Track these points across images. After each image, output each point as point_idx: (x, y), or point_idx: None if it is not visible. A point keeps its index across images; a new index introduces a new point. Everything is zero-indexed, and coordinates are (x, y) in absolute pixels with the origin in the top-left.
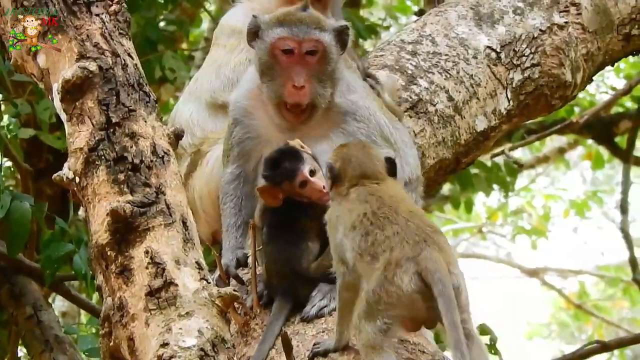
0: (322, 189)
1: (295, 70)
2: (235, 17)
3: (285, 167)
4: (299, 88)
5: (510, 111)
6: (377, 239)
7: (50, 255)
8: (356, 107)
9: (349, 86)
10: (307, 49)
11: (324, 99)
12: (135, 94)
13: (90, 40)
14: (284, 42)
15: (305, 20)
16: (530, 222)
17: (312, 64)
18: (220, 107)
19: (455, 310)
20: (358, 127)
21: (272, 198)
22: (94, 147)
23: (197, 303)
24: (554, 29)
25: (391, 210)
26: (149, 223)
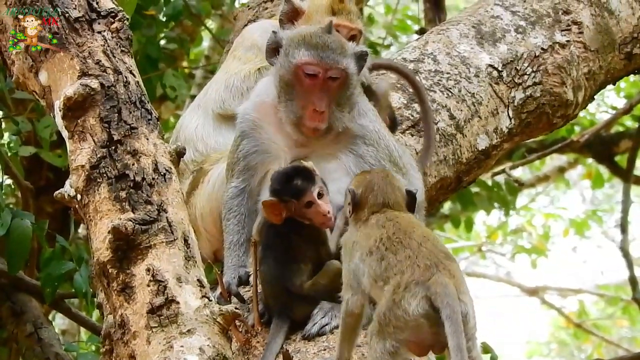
0: (327, 213)
1: (317, 95)
2: (258, 32)
3: (295, 184)
4: (319, 112)
5: (512, 130)
6: (389, 263)
7: (50, 273)
8: (366, 131)
9: (360, 110)
10: (331, 75)
11: (340, 123)
12: (137, 111)
13: (92, 58)
14: (309, 66)
15: (331, 44)
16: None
17: (333, 89)
18: (227, 118)
19: (461, 335)
20: (367, 150)
21: (275, 214)
22: (95, 165)
23: (198, 321)
24: (556, 48)
25: (405, 234)
26: (150, 240)
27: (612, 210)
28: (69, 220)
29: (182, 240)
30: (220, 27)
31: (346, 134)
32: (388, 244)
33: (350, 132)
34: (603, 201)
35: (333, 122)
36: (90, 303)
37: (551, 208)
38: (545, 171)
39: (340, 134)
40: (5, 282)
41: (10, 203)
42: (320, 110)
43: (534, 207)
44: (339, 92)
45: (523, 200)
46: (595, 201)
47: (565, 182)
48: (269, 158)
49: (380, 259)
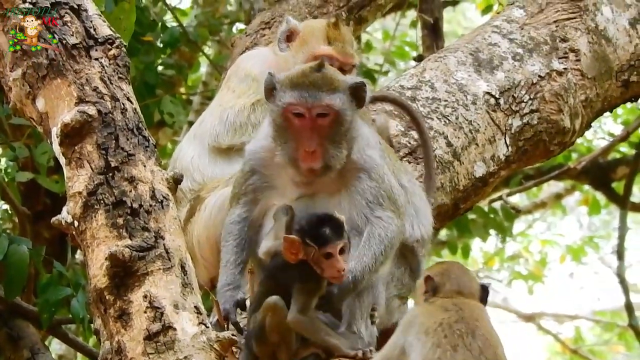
0: (342, 270)
1: (307, 135)
2: (253, 62)
3: (324, 232)
4: (310, 153)
5: (509, 157)
6: (446, 357)
7: (47, 298)
8: (373, 164)
9: (368, 142)
10: (317, 112)
11: (338, 160)
12: (135, 138)
13: (90, 85)
14: (294, 106)
15: (317, 82)
16: (526, 267)
17: (324, 127)
18: (222, 151)
19: None
20: (370, 185)
21: (292, 252)
22: (93, 191)
23: (195, 347)
24: (553, 75)
25: (468, 329)
26: (147, 267)
27: (609, 237)
28: (66, 246)
29: (179, 267)
30: (217, 53)
31: (352, 167)
32: (448, 332)
33: (357, 164)
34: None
35: (329, 160)
36: (87, 329)
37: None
38: (542, 198)
39: (346, 168)
40: (3, 307)
41: (7, 228)
42: (310, 150)
43: (530, 234)
44: (331, 129)
45: (520, 226)
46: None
47: (562, 208)
48: (275, 194)
49: (437, 345)
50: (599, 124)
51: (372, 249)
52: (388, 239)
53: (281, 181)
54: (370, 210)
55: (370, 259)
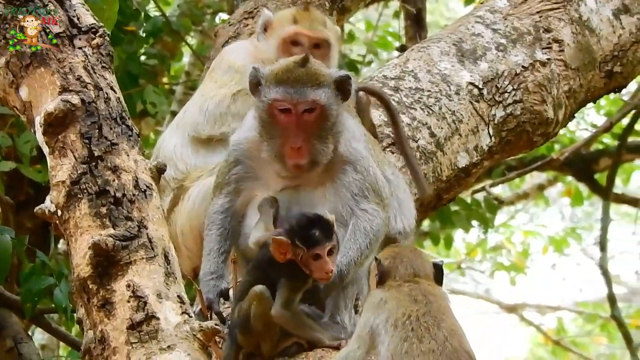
0: (329, 272)
1: (293, 131)
2: (235, 54)
3: (313, 234)
4: (297, 149)
5: (492, 147)
6: (412, 349)
7: (30, 288)
8: (359, 157)
9: (354, 134)
10: (303, 108)
11: (325, 155)
12: (118, 127)
13: (73, 74)
14: (280, 102)
15: (302, 78)
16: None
17: (310, 122)
18: (203, 142)
19: None
20: (355, 178)
21: (281, 252)
22: (76, 181)
23: (178, 337)
24: (537, 66)
25: (435, 322)
26: (130, 257)
27: (592, 228)
28: (49, 235)
29: (163, 257)
30: (200, 43)
31: (338, 160)
32: (415, 326)
33: (343, 156)
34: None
35: (316, 155)
36: (70, 318)
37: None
38: (524, 189)
39: (332, 161)
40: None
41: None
42: (296, 146)
43: (513, 225)
44: (317, 125)
45: (502, 217)
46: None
47: (544, 199)
48: (259, 184)
49: (404, 339)
50: (582, 115)
51: (358, 242)
52: (373, 232)
53: (265, 173)
54: (356, 203)
55: (355, 252)
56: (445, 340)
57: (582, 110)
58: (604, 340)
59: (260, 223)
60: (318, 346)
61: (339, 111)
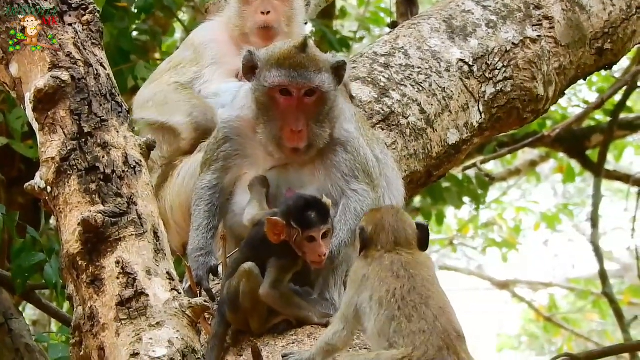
0: (323, 255)
1: (293, 114)
2: (200, 30)
3: (309, 216)
4: (297, 132)
5: (482, 124)
6: (401, 329)
7: (21, 264)
8: (350, 137)
9: (345, 115)
10: (304, 92)
11: (322, 139)
12: (108, 104)
13: (63, 50)
14: (283, 86)
15: (304, 63)
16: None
17: (310, 106)
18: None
19: None
20: (345, 158)
21: (275, 233)
22: (65, 157)
23: (167, 313)
24: (527, 43)
25: (422, 300)
26: (120, 233)
27: (584, 204)
28: (40, 211)
29: (152, 233)
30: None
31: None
32: (402, 305)
33: (335, 138)
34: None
35: (313, 139)
36: (61, 294)
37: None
38: (516, 165)
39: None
40: None
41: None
42: (297, 129)
43: (505, 201)
44: (316, 109)
45: (494, 193)
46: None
47: (536, 176)
48: (247, 162)
49: (391, 318)
50: (574, 91)
51: (348, 223)
52: (363, 213)
53: (254, 151)
54: (346, 183)
55: (346, 233)
56: (435, 320)
57: (574, 87)
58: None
59: (254, 201)
60: (307, 324)
61: (336, 96)
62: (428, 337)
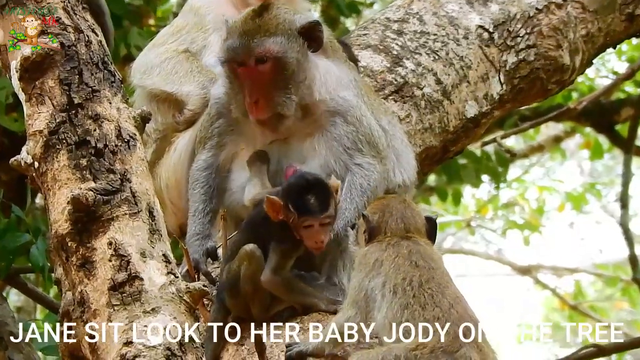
0: (321, 243)
1: (248, 85)
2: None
3: (308, 201)
4: (253, 104)
5: (503, 96)
6: (414, 317)
7: (5, 245)
8: (348, 107)
9: (341, 81)
10: (254, 60)
11: (288, 107)
12: (100, 73)
13: (52, 15)
14: (233, 56)
15: (253, 30)
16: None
17: (265, 74)
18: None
19: None
20: (346, 130)
21: (274, 212)
22: (54, 130)
23: (163, 299)
24: (552, 8)
25: (439, 289)
26: (112, 212)
27: (612, 184)
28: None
29: (147, 212)
30: None
31: (325, 109)
32: (417, 292)
33: (329, 106)
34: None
35: (277, 108)
36: (48, 278)
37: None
38: (539, 140)
39: (317, 109)
40: None
41: None
42: (252, 100)
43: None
44: (274, 76)
45: (516, 171)
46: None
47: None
48: (243, 138)
49: (405, 306)
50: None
51: (355, 201)
52: (370, 189)
53: (249, 126)
54: (349, 157)
55: (352, 213)
56: (451, 307)
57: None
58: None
59: (255, 179)
60: (313, 310)
61: (301, 59)
62: (443, 323)
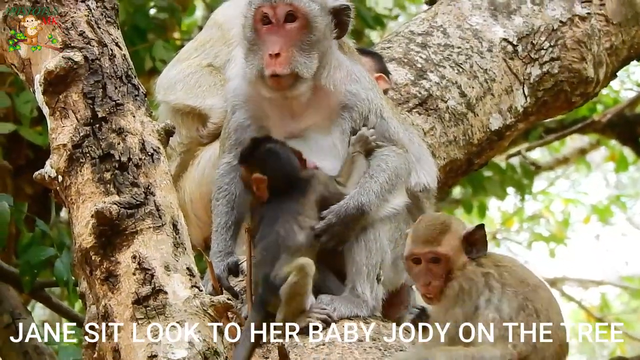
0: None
1: (271, 40)
2: (223, 8)
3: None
4: (274, 56)
5: (527, 108)
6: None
7: (29, 259)
8: (357, 100)
9: (352, 74)
10: (283, 14)
11: (307, 69)
12: (123, 86)
13: (76, 29)
14: (260, 11)
15: None
16: (548, 229)
17: (292, 32)
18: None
19: None
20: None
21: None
22: (78, 144)
23: (187, 312)
24: (575, 21)
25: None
26: (136, 226)
27: (638, 196)
28: (50, 202)
29: (171, 226)
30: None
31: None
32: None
33: (340, 100)
34: (628, 185)
35: (296, 67)
36: (72, 292)
37: (571, 193)
38: (564, 153)
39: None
40: None
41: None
42: (274, 52)
43: (552, 192)
44: (300, 35)
45: (541, 184)
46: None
47: (586, 164)
48: (261, 131)
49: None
50: (627, 73)
51: (374, 177)
52: (390, 169)
53: (265, 118)
54: None
55: (374, 185)
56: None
57: (627, 68)
58: None
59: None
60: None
61: (326, 33)
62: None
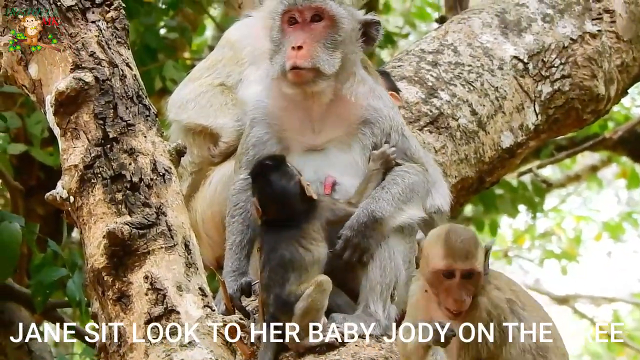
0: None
1: (296, 34)
2: (235, 29)
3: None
4: (297, 49)
5: (539, 126)
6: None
7: (41, 280)
8: (379, 116)
9: (375, 92)
10: (310, 15)
11: (330, 65)
12: (134, 107)
13: (86, 49)
14: (288, 13)
15: None
16: (560, 246)
17: (317, 29)
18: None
19: None
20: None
21: None
22: (89, 164)
23: (200, 332)
24: (586, 38)
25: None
26: (148, 246)
27: None
28: (62, 223)
29: (183, 246)
30: (224, 14)
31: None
32: None
33: (362, 114)
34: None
35: (318, 62)
36: (85, 313)
37: (583, 210)
38: (576, 170)
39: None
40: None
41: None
42: (297, 45)
43: (564, 209)
44: (324, 32)
45: (552, 201)
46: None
47: (598, 181)
48: (279, 148)
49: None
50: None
51: (385, 188)
52: (405, 183)
53: (285, 134)
54: None
55: (385, 194)
56: None
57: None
58: None
59: None
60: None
61: (351, 35)
62: None
